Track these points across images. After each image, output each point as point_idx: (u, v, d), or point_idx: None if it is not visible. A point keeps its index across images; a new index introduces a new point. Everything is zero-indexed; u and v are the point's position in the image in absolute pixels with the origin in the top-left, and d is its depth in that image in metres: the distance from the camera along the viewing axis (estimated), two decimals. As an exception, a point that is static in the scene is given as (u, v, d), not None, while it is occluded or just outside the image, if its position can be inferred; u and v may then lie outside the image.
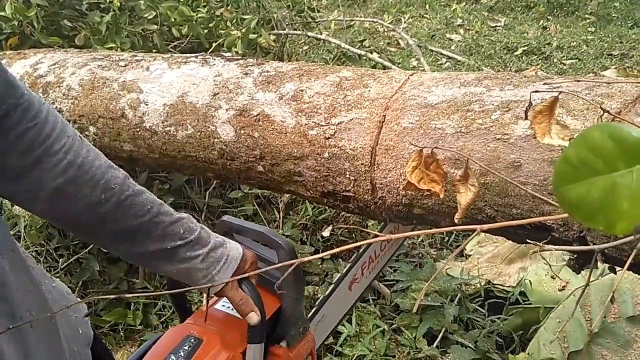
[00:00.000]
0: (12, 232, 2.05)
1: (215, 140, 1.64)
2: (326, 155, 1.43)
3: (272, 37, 3.25)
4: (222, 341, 1.00)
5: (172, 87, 1.74)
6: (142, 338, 2.14)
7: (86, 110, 1.86)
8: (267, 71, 1.65)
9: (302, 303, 1.12)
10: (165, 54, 1.96)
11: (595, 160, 0.45)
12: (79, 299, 1.11)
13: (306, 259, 0.71)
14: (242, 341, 1.03)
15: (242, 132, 1.58)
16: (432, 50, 5.15)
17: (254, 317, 1.01)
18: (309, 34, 3.43)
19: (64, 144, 0.85)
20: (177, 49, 3.09)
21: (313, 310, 1.32)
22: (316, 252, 2.47)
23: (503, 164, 1.19)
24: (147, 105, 1.76)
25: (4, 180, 0.83)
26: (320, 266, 2.41)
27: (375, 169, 1.35)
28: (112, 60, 1.95)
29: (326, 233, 1.40)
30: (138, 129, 1.77)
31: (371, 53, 3.23)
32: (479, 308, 2.18)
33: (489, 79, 1.37)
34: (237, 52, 2.98)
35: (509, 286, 2.33)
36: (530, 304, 2.19)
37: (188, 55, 1.86)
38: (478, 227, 0.69)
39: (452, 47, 5.40)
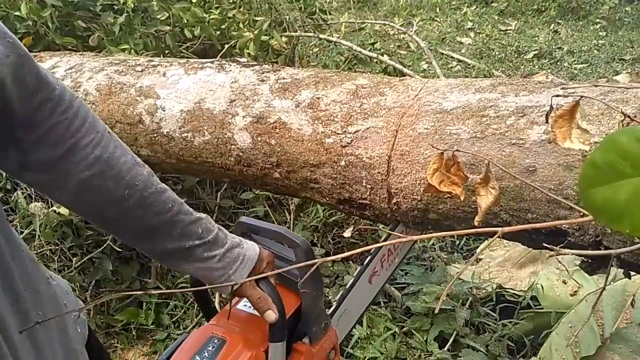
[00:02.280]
0: (27, 231, 2.08)
1: (232, 147, 1.65)
2: (343, 163, 1.44)
3: (284, 39, 3.26)
4: (244, 340, 1.03)
5: (189, 93, 1.75)
6: (154, 337, 2.16)
7: (103, 116, 1.88)
8: (283, 78, 1.66)
9: (322, 300, 1.14)
10: (180, 58, 1.97)
11: (622, 164, 0.46)
12: (78, 298, 1.13)
13: (328, 258, 0.72)
14: (264, 340, 1.04)
15: (259, 139, 1.60)
16: (442, 54, 5.15)
17: (272, 315, 1.02)
18: (321, 36, 3.44)
19: (92, 139, 0.88)
20: (189, 50, 3.11)
21: (335, 306, 1.34)
22: (327, 254, 2.47)
23: (518, 168, 1.19)
24: (164, 111, 1.77)
25: (35, 170, 0.86)
26: (331, 268, 2.42)
27: (391, 174, 1.36)
28: (129, 65, 1.97)
29: (347, 234, 1.41)
30: (155, 135, 1.79)
31: (382, 55, 3.23)
32: (490, 312, 2.18)
33: (503, 85, 1.38)
34: (249, 54, 3.00)
35: (520, 290, 2.33)
36: (542, 308, 2.18)
37: (204, 60, 1.88)
38: (499, 229, 0.70)
39: (463, 50, 5.40)
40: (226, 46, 3.04)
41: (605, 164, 0.48)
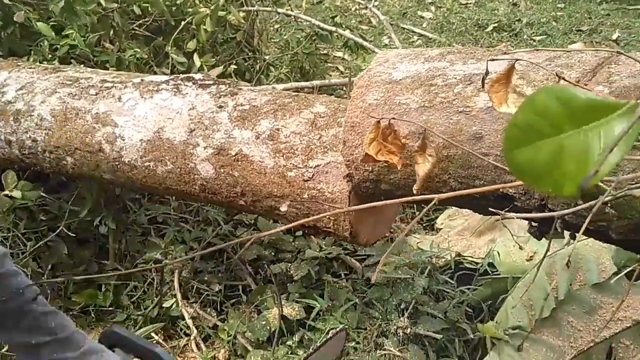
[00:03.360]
0: None
1: (196, 176, 1.66)
2: (306, 196, 1.48)
3: (242, 14, 3.21)
4: None
5: (147, 121, 1.73)
6: (113, 320, 2.14)
7: (62, 142, 1.85)
8: (242, 104, 1.65)
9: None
10: (134, 78, 1.90)
11: (542, 123, 0.46)
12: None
13: (265, 233, 0.72)
14: None
15: (222, 170, 1.61)
16: (403, 28, 5.15)
17: None
18: (279, 10, 3.39)
19: None
20: (142, 28, 3.03)
21: None
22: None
23: (465, 136, 1.21)
24: (123, 140, 1.75)
25: None
26: (293, 243, 2.43)
27: (342, 146, 1.36)
28: (82, 87, 1.91)
29: (284, 208, 1.42)
30: (117, 163, 1.77)
31: (343, 30, 3.21)
32: (449, 280, 2.22)
33: (452, 53, 1.39)
34: (205, 30, 2.94)
35: (478, 258, 2.37)
36: (499, 274, 2.23)
37: (159, 80, 1.85)
38: (436, 196, 0.70)
39: (424, 25, 5.41)
40: (182, 23, 2.97)
41: (526, 125, 0.48)
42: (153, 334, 2.00)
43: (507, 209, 1.22)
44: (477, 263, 2.33)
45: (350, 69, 4.49)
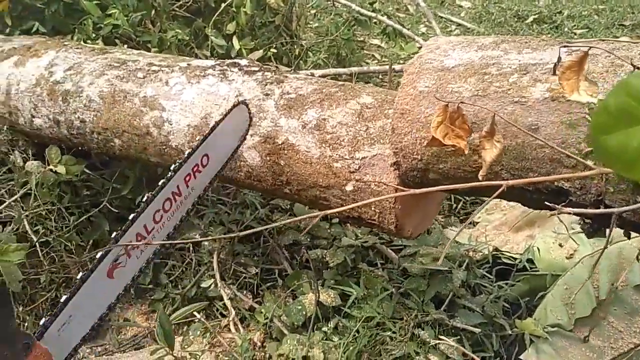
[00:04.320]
0: (23, 191, 2.06)
1: (242, 163, 1.67)
2: (351, 187, 1.48)
3: (282, -3, 3.20)
4: None
5: (194, 106, 1.74)
6: (152, 297, 2.17)
7: (110, 124, 1.88)
8: (288, 93, 1.65)
9: (10, 318, 0.99)
10: (181, 62, 1.91)
11: (636, 107, 0.44)
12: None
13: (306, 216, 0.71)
14: None
15: (268, 158, 1.62)
16: (441, 17, 5.07)
17: None
18: (320, -6, 3.37)
19: None
20: (182, 9, 3.04)
21: (50, 315, 1.10)
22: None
23: (521, 127, 1.18)
24: (171, 124, 1.77)
25: None
26: (329, 230, 2.42)
27: (392, 133, 1.35)
28: (130, 70, 1.93)
29: (349, 187, 1.42)
30: (164, 147, 1.79)
31: (382, 16, 3.17)
32: (486, 274, 2.19)
33: (506, 42, 1.35)
34: (245, 13, 2.93)
35: (516, 253, 2.34)
36: (538, 271, 2.20)
37: (206, 65, 1.85)
38: (504, 182, 0.68)
39: (462, 14, 5.32)
40: (222, 5, 2.97)
41: (618, 109, 0.46)
42: (195, 313, 2.03)
43: (562, 204, 1.20)
44: (515, 258, 2.30)
45: (387, 56, 4.45)
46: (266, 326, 2.06)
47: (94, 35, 2.41)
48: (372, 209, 1.46)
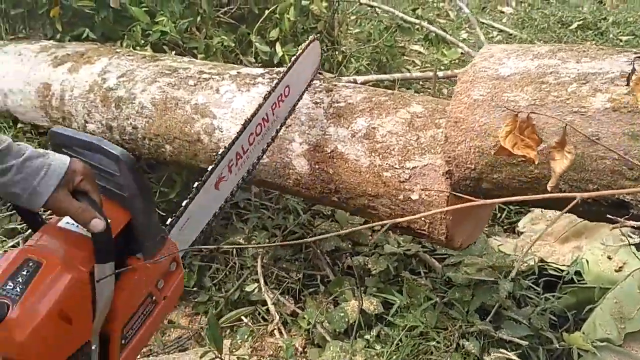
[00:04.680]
0: None
1: (291, 171, 1.69)
2: (401, 197, 1.48)
3: (324, 4, 3.21)
4: (63, 262, 0.93)
5: (245, 114, 1.75)
6: (195, 299, 2.20)
7: (162, 131, 1.92)
8: (337, 101, 1.66)
9: (152, 211, 1.06)
10: (230, 70, 1.93)
11: None
12: None
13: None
14: (88, 260, 0.95)
15: (317, 166, 1.63)
16: (482, 23, 5.01)
17: (98, 224, 0.93)
18: (362, 0, 3.37)
19: None
20: (227, 15, 3.07)
21: (174, 217, 1.26)
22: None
23: (580, 137, 1.16)
24: (221, 132, 1.80)
25: None
26: (371, 237, 2.42)
27: (445, 142, 1.33)
28: (181, 78, 1.97)
29: (400, 197, 1.41)
30: (214, 153, 1.82)
31: (424, 22, 3.15)
32: (533, 286, 2.15)
33: (563, 51, 1.33)
34: (289, 19, 2.95)
35: (562, 265, 2.29)
36: (585, 283, 2.15)
37: (255, 74, 1.88)
38: (578, 194, 0.67)
39: (504, 20, 5.25)
40: (266, 12, 3.00)
41: None
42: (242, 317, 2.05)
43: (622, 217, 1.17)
44: (561, 270, 2.25)
45: (427, 62, 4.43)
46: (308, 332, 2.06)
47: (142, 41, 2.46)
48: (422, 219, 1.45)
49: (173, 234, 1.22)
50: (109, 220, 0.95)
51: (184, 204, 1.27)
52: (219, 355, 1.54)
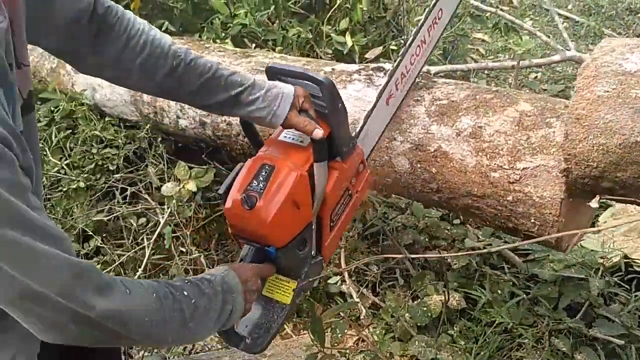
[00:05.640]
0: (166, 216, 2.16)
1: (390, 169, 1.67)
2: (510, 198, 1.44)
3: (393, -9, 3.16)
4: (290, 165, 1.19)
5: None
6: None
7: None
8: (439, 99, 1.63)
9: (346, 125, 1.31)
10: (324, 67, 1.92)
11: None
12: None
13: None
14: (306, 162, 1.22)
15: (419, 165, 1.61)
16: (547, 10, 4.87)
17: (319, 132, 1.19)
18: (430, -12, 3.29)
19: (138, 29, 1.12)
20: (297, 5, 3.06)
21: (359, 127, 1.50)
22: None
23: None
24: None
25: (107, 67, 1.13)
26: (448, 231, 2.39)
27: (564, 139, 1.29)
28: None
29: (594, 204, 1.36)
30: None
31: (498, 9, 3.06)
32: (620, 283, 2.09)
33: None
34: (361, 9, 2.92)
35: (649, 261, 2.22)
36: (674, 281, 2.08)
37: (350, 71, 1.86)
38: None
39: (569, 7, 5.09)
40: (337, 1, 2.97)
41: None
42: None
43: None
44: (648, 267, 2.18)
45: (491, 50, 4.33)
46: (388, 325, 2.06)
47: (222, 34, 2.47)
48: (532, 221, 1.41)
49: (359, 141, 1.44)
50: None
51: (363, 117, 1.50)
52: (322, 349, 1.55)
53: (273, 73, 1.28)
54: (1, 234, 0.70)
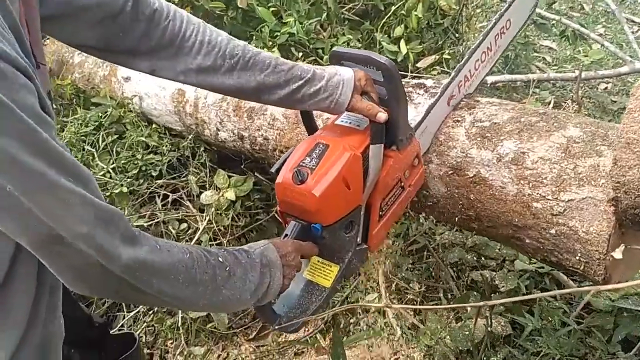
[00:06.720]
0: (204, 224, 2.17)
1: (426, 193, 1.59)
2: (553, 231, 1.34)
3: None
4: (344, 145, 1.22)
5: None
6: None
7: (292, 143, 1.90)
8: (480, 120, 1.54)
9: (406, 114, 1.32)
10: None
11: None
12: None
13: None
14: (361, 144, 1.24)
15: (456, 191, 1.52)
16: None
17: (382, 115, 1.23)
18: (493, -5, 3.17)
19: (192, 30, 1.13)
20: (351, 12, 3.01)
21: (418, 121, 1.48)
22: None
23: None
24: None
25: (166, 69, 1.14)
26: (498, 250, 2.27)
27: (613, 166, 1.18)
28: None
29: (618, 255, 1.25)
30: None
31: (563, 18, 2.90)
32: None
33: None
34: (417, 16, 2.84)
35: None
36: None
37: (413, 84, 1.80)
38: None
39: (646, 13, 4.78)
40: (392, 8, 2.90)
41: None
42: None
43: None
44: None
45: (559, 59, 4.12)
46: (427, 347, 1.97)
47: (270, 43, 2.46)
48: (577, 257, 1.30)
49: (416, 135, 1.44)
50: None
51: (423, 113, 1.50)
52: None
53: (337, 57, 1.30)
54: (29, 164, 0.68)
